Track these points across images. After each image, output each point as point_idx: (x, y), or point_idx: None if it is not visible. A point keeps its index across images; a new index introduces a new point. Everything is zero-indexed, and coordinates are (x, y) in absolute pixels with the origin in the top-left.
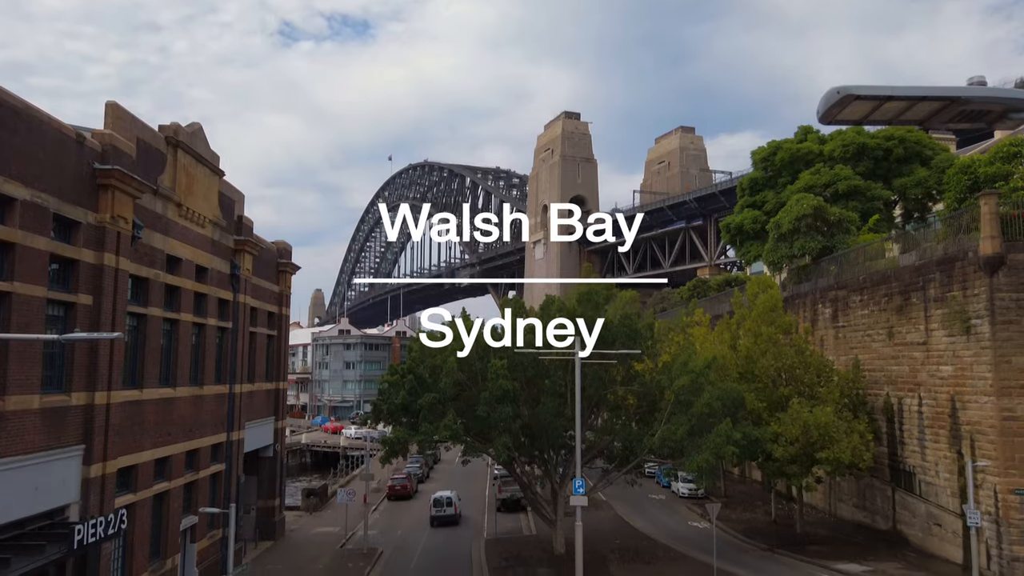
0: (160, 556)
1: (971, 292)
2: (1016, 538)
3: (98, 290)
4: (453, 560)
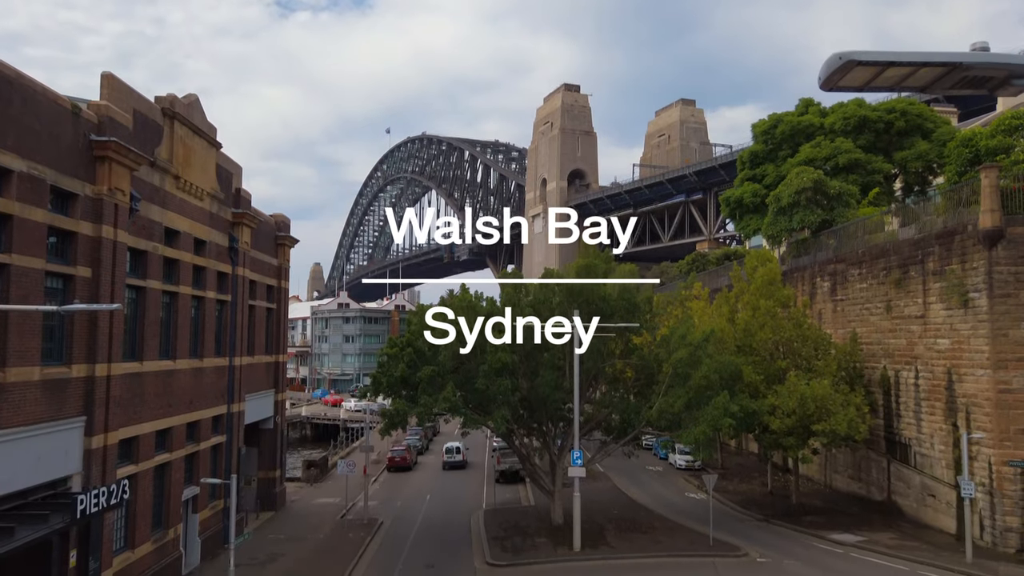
0: (162, 526)
1: (970, 266)
2: (1009, 509)
3: (96, 262)
4: (452, 529)
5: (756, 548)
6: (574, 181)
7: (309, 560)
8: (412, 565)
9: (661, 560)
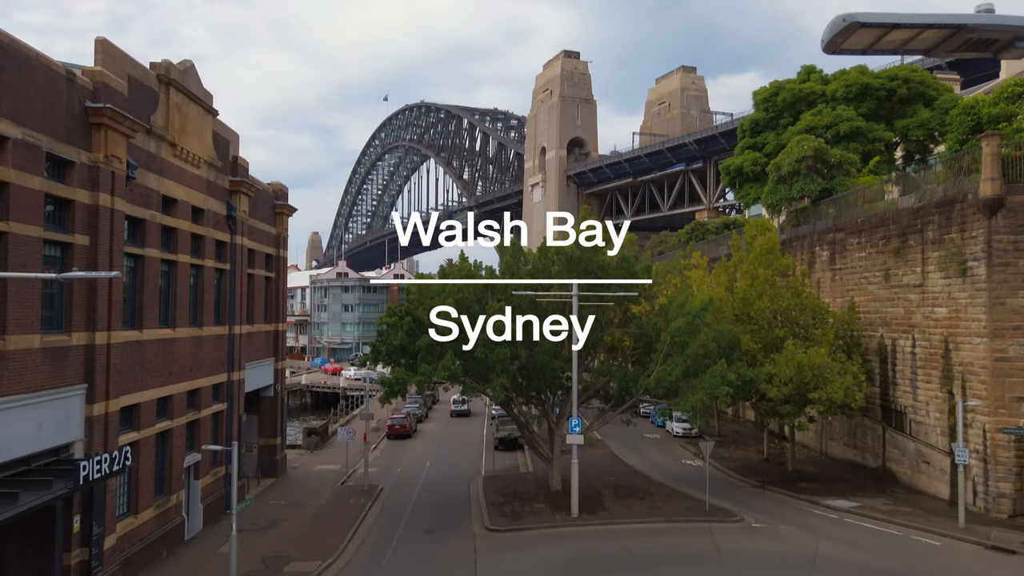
0: (165, 492)
1: (969, 234)
2: (1002, 475)
3: (94, 230)
4: (452, 495)
5: (752, 514)
6: (573, 150)
7: (310, 525)
8: (412, 530)
9: (658, 525)
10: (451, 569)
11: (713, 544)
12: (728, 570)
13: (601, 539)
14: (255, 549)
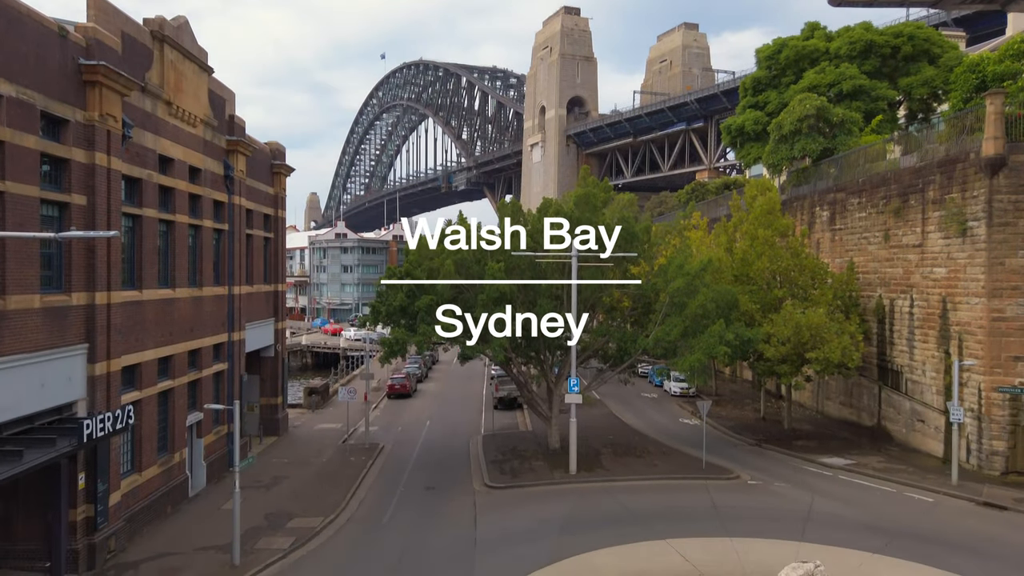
0: (168, 450)
1: (970, 194)
2: (996, 433)
3: (91, 190)
4: (452, 453)
5: (747, 471)
6: (573, 109)
7: (312, 483)
8: (413, 487)
9: (655, 483)
10: (451, 525)
11: (709, 501)
12: (724, 525)
13: (599, 496)
14: (258, 505)
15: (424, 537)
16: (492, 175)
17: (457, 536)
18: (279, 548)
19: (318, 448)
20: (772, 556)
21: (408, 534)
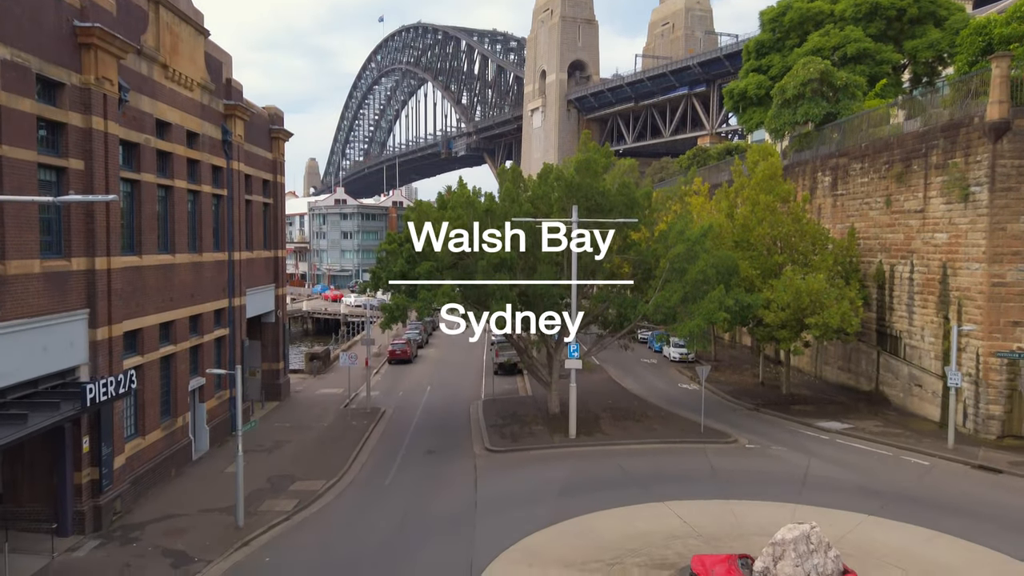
0: (171, 414)
1: (973, 159)
2: (993, 397)
3: (88, 154)
4: (452, 418)
5: (745, 435)
6: (574, 73)
7: (314, 447)
8: (414, 451)
9: (654, 446)
10: (452, 488)
11: (707, 464)
12: (722, 488)
13: (598, 459)
14: (261, 469)
15: (425, 500)
16: (492, 141)
17: (458, 498)
18: (282, 510)
19: (320, 413)
20: (769, 518)
21: (410, 497)
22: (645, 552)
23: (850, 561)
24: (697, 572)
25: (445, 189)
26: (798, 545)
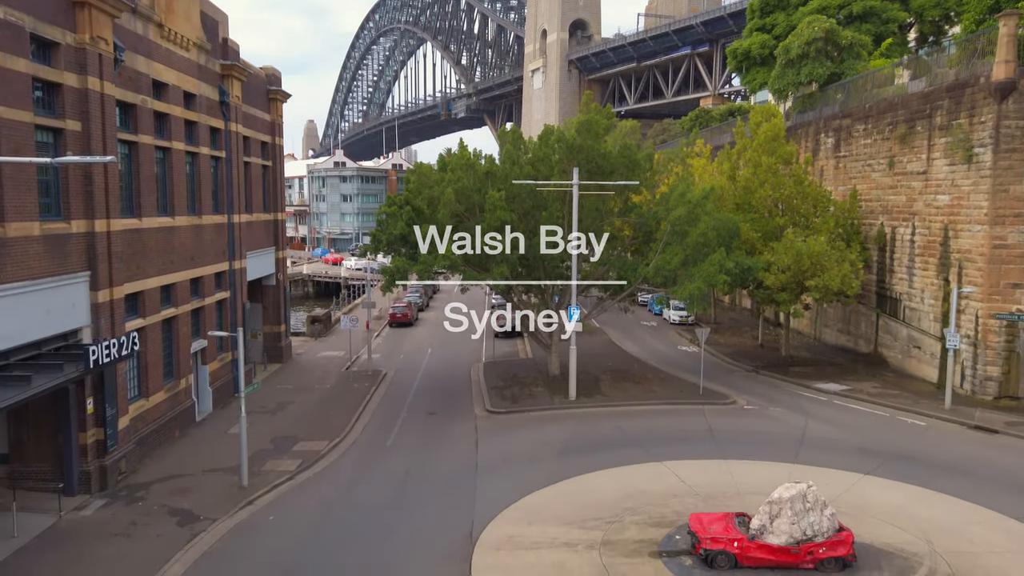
0: (174, 376)
1: (978, 120)
2: (991, 359)
3: (85, 115)
4: (453, 380)
5: (744, 396)
6: (575, 32)
7: (317, 408)
8: (415, 413)
9: (653, 407)
10: (453, 448)
11: (705, 424)
12: (719, 447)
13: (598, 420)
14: (264, 430)
15: (427, 460)
16: (492, 102)
17: (459, 459)
18: (285, 470)
19: (321, 375)
20: (766, 477)
21: (411, 457)
22: (643, 511)
23: (845, 519)
24: (695, 530)
25: (445, 151)
26: (794, 504)
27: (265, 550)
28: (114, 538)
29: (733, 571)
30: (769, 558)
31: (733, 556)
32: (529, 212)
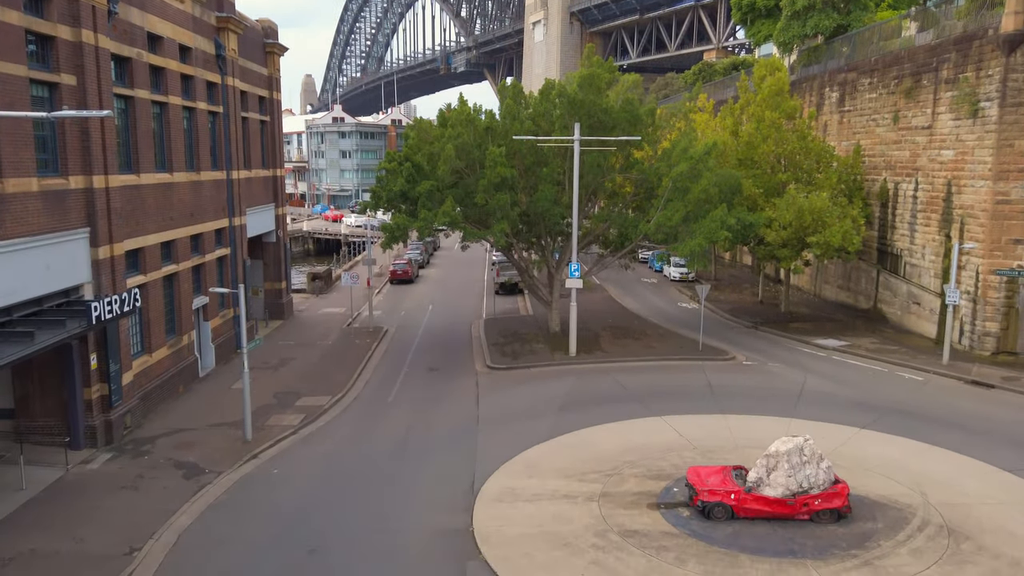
0: (176, 332)
1: (984, 73)
2: (990, 315)
3: (80, 69)
4: (454, 336)
5: (743, 352)
6: None
7: (319, 364)
8: (416, 369)
9: (652, 363)
10: (454, 403)
11: (704, 380)
12: (718, 403)
13: (598, 376)
14: (267, 385)
15: (428, 415)
16: (492, 56)
17: (460, 414)
18: (289, 425)
19: (323, 331)
20: (764, 431)
21: (412, 411)
22: (642, 464)
23: (842, 472)
24: (692, 483)
25: (445, 107)
26: (791, 457)
27: (270, 502)
28: (121, 490)
29: (730, 522)
30: (765, 510)
31: (730, 508)
32: (530, 168)
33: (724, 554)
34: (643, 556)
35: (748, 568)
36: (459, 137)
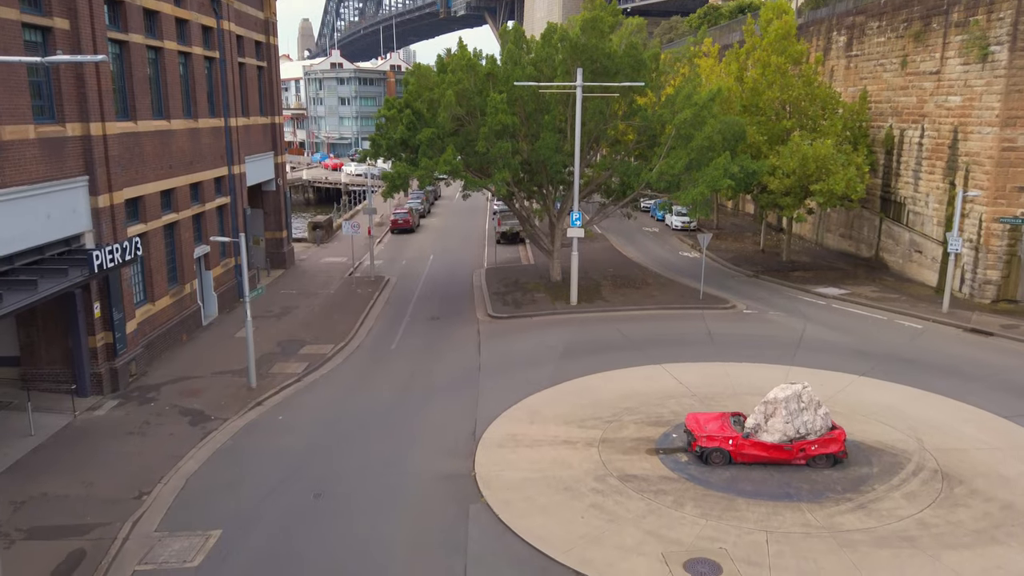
0: (178, 281)
1: (996, 16)
2: (992, 263)
3: (73, 13)
4: (455, 285)
5: (743, 301)
6: None
7: (322, 313)
8: (418, 317)
9: (653, 312)
10: (456, 351)
11: (704, 328)
12: (718, 350)
13: (598, 325)
14: (270, 334)
15: (430, 362)
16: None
17: (462, 361)
18: (293, 372)
19: (325, 280)
20: (762, 379)
21: (415, 360)
22: (642, 410)
23: (839, 419)
24: (691, 429)
25: (445, 52)
26: (789, 403)
27: (276, 447)
28: (128, 436)
29: (727, 467)
30: (762, 455)
31: (728, 453)
32: (531, 115)
33: (721, 497)
34: (641, 500)
35: (744, 511)
36: (460, 83)
